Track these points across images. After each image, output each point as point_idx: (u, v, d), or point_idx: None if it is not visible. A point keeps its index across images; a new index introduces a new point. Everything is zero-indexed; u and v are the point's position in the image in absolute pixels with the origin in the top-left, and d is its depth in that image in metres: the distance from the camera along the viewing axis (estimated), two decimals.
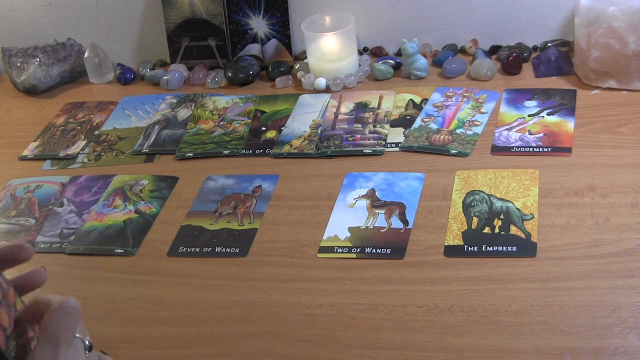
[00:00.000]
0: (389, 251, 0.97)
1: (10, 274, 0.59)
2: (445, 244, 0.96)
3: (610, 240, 0.92)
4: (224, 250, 1.03)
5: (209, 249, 1.03)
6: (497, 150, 1.13)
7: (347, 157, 1.18)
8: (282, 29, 1.46)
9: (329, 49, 1.37)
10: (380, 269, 0.95)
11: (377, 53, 1.47)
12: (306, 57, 1.42)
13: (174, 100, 1.41)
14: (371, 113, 1.27)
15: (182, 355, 0.87)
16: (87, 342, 0.62)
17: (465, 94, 1.28)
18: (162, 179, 1.19)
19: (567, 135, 1.14)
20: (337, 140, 1.21)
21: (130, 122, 1.37)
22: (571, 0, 1.34)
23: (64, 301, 0.60)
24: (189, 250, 1.04)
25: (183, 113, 1.36)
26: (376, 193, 1.08)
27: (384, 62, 1.40)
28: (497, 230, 0.97)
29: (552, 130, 1.15)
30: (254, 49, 1.47)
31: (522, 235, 0.95)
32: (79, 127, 1.38)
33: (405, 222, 1.01)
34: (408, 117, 1.25)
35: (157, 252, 1.05)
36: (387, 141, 1.19)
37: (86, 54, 1.52)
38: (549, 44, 1.37)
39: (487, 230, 0.97)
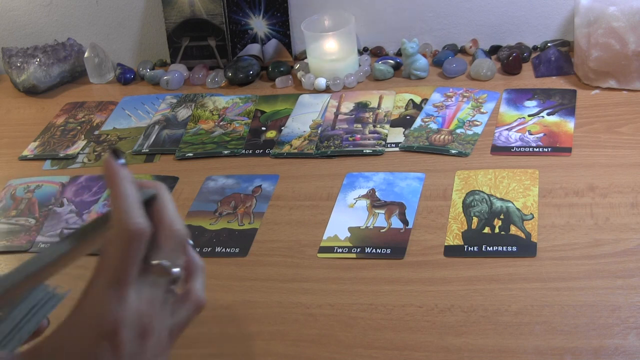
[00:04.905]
0: (389, 251, 0.97)
1: None
2: (445, 244, 0.96)
3: (610, 240, 0.92)
4: (224, 250, 1.03)
5: (209, 249, 1.03)
6: (497, 150, 1.13)
7: (347, 157, 1.18)
8: (282, 29, 1.46)
9: (329, 49, 1.37)
10: (380, 269, 0.95)
11: (377, 53, 1.47)
12: (306, 57, 1.42)
13: (174, 100, 1.41)
14: (371, 113, 1.27)
15: (182, 355, 0.87)
16: (174, 271, 0.45)
17: (465, 94, 1.28)
18: (162, 179, 1.19)
19: (567, 135, 1.13)
20: (337, 140, 1.21)
21: (130, 122, 1.37)
22: (571, 0, 1.34)
23: (129, 221, 0.42)
24: None
25: (183, 113, 1.36)
26: (376, 193, 1.08)
27: (384, 62, 1.40)
28: (497, 230, 0.97)
29: (552, 130, 1.15)
30: (254, 49, 1.47)
31: (522, 235, 0.95)
32: (79, 127, 1.38)
33: (405, 222, 1.01)
34: (408, 117, 1.25)
35: None
36: (387, 141, 1.19)
37: (86, 54, 1.52)
38: (549, 44, 1.37)
39: (487, 230, 0.97)
